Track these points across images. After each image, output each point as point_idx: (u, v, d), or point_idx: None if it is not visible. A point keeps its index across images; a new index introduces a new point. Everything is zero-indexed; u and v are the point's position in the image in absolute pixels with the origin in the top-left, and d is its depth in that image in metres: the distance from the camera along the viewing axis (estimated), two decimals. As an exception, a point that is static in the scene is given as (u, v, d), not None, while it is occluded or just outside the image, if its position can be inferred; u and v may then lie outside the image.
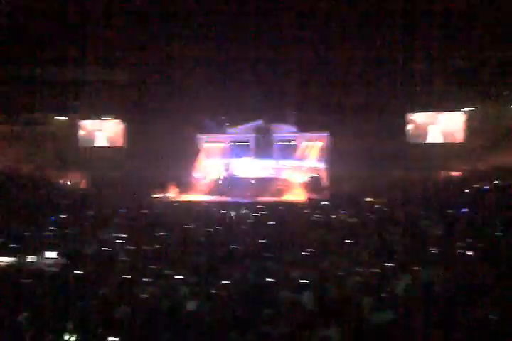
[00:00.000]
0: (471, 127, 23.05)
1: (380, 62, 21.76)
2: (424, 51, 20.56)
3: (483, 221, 11.51)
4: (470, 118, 23.30)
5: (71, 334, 5.40)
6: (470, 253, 8.81)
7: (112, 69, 23.85)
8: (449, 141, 24.05)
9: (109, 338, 5.28)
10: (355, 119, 22.85)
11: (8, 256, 8.56)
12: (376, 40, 20.74)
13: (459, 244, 9.39)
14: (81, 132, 27.66)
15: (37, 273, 7.75)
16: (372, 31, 20.30)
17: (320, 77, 22.79)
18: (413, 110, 24.52)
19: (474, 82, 20.80)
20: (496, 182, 16.70)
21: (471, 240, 9.60)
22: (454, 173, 21.63)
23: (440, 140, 24.32)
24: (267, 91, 23.98)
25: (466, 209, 13.21)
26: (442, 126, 24.26)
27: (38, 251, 8.70)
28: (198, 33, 20.95)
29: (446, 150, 23.31)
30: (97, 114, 27.06)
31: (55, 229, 11.71)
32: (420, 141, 24.61)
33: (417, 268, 7.55)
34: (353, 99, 22.80)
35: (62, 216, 13.69)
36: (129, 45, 21.98)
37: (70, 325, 5.54)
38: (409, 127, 24.72)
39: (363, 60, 21.76)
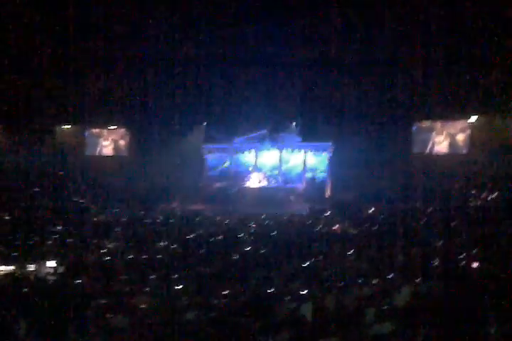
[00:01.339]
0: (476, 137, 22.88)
1: (383, 71, 21.84)
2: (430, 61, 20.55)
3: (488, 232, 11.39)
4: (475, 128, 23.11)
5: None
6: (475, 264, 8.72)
7: (117, 78, 24.00)
8: (454, 151, 23.92)
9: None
10: (359, 129, 22.86)
11: (8, 264, 8.56)
12: (380, 49, 20.82)
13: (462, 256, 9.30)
14: (87, 141, 27.87)
15: (36, 282, 7.74)
16: (377, 40, 20.38)
17: (324, 86, 22.89)
18: (417, 119, 24.40)
19: (481, 91, 20.62)
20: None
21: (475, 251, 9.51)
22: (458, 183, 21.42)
23: (445, 150, 24.19)
24: (271, 101, 24.06)
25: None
26: (447, 135, 24.14)
27: (37, 260, 8.70)
28: (203, 43, 21.14)
29: (450, 161, 23.14)
30: (102, 123, 27.21)
31: (55, 237, 11.70)
32: (425, 150, 24.48)
33: (418, 280, 7.48)
34: (357, 109, 22.87)
35: (63, 225, 13.67)
36: (134, 54, 22.21)
37: (69, 334, 5.53)
38: (414, 137, 24.61)
39: (367, 69, 21.87)
